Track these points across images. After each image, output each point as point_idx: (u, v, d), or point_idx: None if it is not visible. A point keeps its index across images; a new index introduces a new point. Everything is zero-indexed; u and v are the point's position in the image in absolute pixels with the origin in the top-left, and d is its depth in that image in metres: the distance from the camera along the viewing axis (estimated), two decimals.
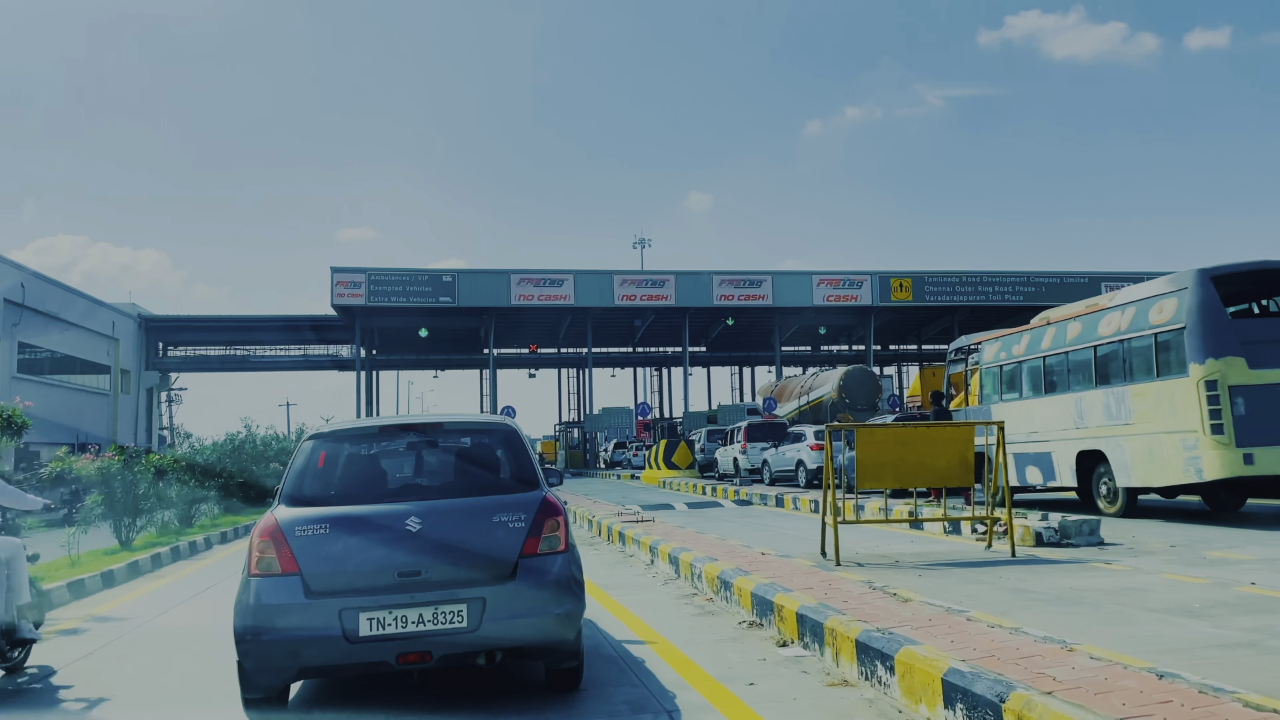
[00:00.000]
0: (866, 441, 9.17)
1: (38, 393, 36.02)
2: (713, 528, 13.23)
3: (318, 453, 4.98)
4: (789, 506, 17.28)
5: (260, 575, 4.44)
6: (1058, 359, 13.74)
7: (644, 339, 55.91)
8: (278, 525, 4.55)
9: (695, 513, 17.16)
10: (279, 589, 4.38)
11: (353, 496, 4.80)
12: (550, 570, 4.62)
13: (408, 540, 4.50)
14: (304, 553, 4.45)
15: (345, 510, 4.66)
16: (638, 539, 10.75)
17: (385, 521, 4.57)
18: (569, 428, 54.35)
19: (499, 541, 4.60)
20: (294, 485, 4.83)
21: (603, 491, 26.22)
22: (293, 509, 4.67)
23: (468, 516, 4.68)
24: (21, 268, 34.57)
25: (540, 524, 4.68)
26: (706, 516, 16.22)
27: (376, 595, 4.37)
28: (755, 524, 14.38)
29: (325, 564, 4.44)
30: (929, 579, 7.63)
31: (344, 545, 4.49)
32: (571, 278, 46.31)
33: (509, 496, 4.83)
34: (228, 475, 19.63)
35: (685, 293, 47.18)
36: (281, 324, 51.59)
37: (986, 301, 49.55)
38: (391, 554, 4.48)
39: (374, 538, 4.52)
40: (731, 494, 20.72)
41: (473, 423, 5.53)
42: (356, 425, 5.20)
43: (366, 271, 44.33)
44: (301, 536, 4.49)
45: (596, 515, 14.61)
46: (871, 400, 45.88)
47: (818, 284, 48.18)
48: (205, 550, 14.60)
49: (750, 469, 26.11)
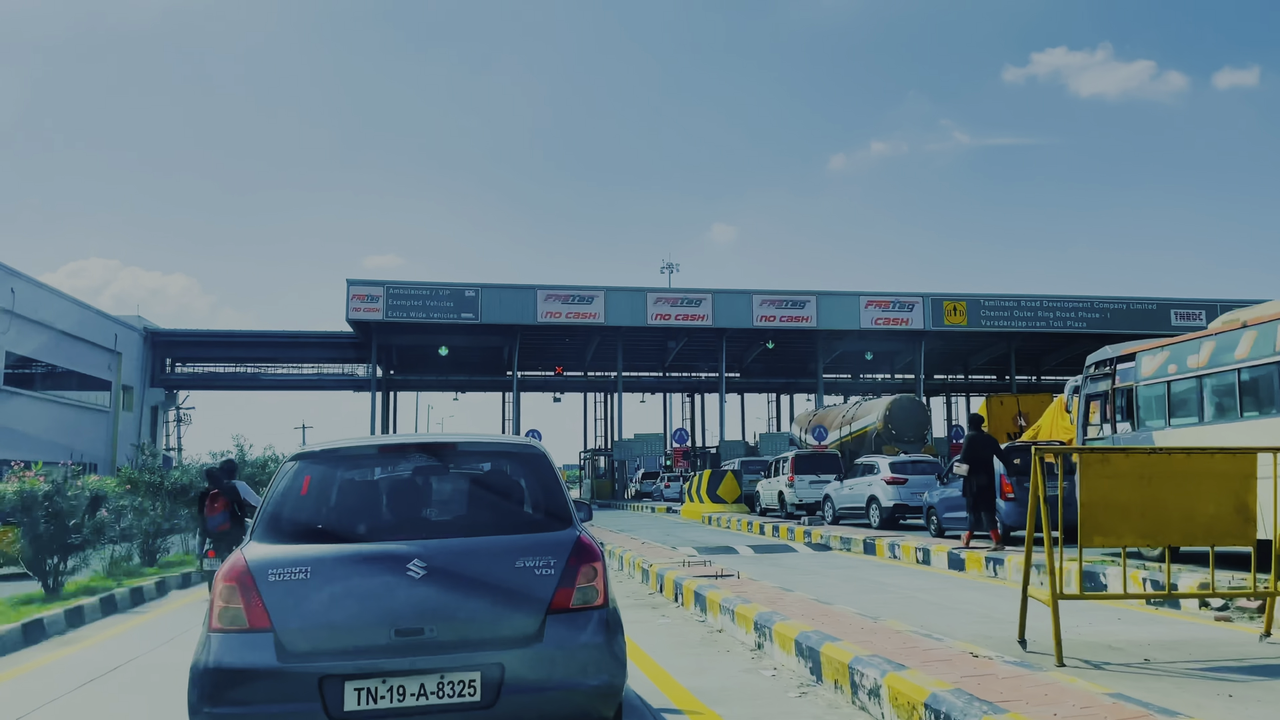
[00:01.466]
0: (1098, 474, 6.02)
1: (29, 408, 33.39)
2: (805, 583, 10.05)
3: (301, 477, 4.14)
4: (883, 554, 14.01)
5: (223, 631, 3.60)
6: (1267, 370, 10.46)
7: (674, 363, 52.82)
8: (247, 567, 3.71)
9: (768, 559, 13.95)
10: (246, 649, 3.54)
11: (342, 532, 3.98)
12: (585, 629, 3.76)
13: (409, 589, 3.67)
14: (279, 603, 3.62)
15: (332, 550, 3.84)
16: (729, 607, 7.57)
17: (382, 565, 3.74)
18: (596, 455, 51.19)
19: (523, 592, 3.76)
20: (270, 517, 3.99)
21: (640, 527, 23.04)
22: (267, 547, 3.84)
23: (485, 560, 3.85)
24: (13, 271, 32.00)
25: (574, 571, 3.83)
26: (784, 565, 13.01)
27: (368, 659, 3.55)
28: (858, 579, 11.17)
29: (305, 618, 3.61)
30: (1248, 703, 4.50)
31: (329, 594, 3.65)
32: (602, 295, 43.38)
33: (535, 536, 4.01)
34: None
35: (723, 313, 44.09)
36: (296, 340, 48.95)
37: (1047, 328, 46.13)
38: (389, 606, 3.65)
39: (367, 585, 3.69)
40: (800, 534, 17.45)
41: (492, 444, 4.78)
42: (351, 444, 4.34)
43: (384, 284, 41.61)
44: (276, 582, 3.65)
45: (650, 561, 11.44)
46: (920, 432, 42.64)
47: (866, 306, 44.96)
48: (158, 598, 11.55)
49: (797, 504, 23.35)
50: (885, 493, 18.86)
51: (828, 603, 7.81)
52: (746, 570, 11.30)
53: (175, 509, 15.11)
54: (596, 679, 3.73)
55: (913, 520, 18.83)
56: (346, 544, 3.88)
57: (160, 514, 14.60)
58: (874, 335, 46.41)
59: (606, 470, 48.41)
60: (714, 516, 24.40)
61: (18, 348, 32.73)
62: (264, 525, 3.95)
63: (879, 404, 40.99)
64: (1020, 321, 45.95)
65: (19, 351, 32.89)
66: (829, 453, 28.51)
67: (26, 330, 33.00)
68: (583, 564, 3.87)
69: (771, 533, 19.02)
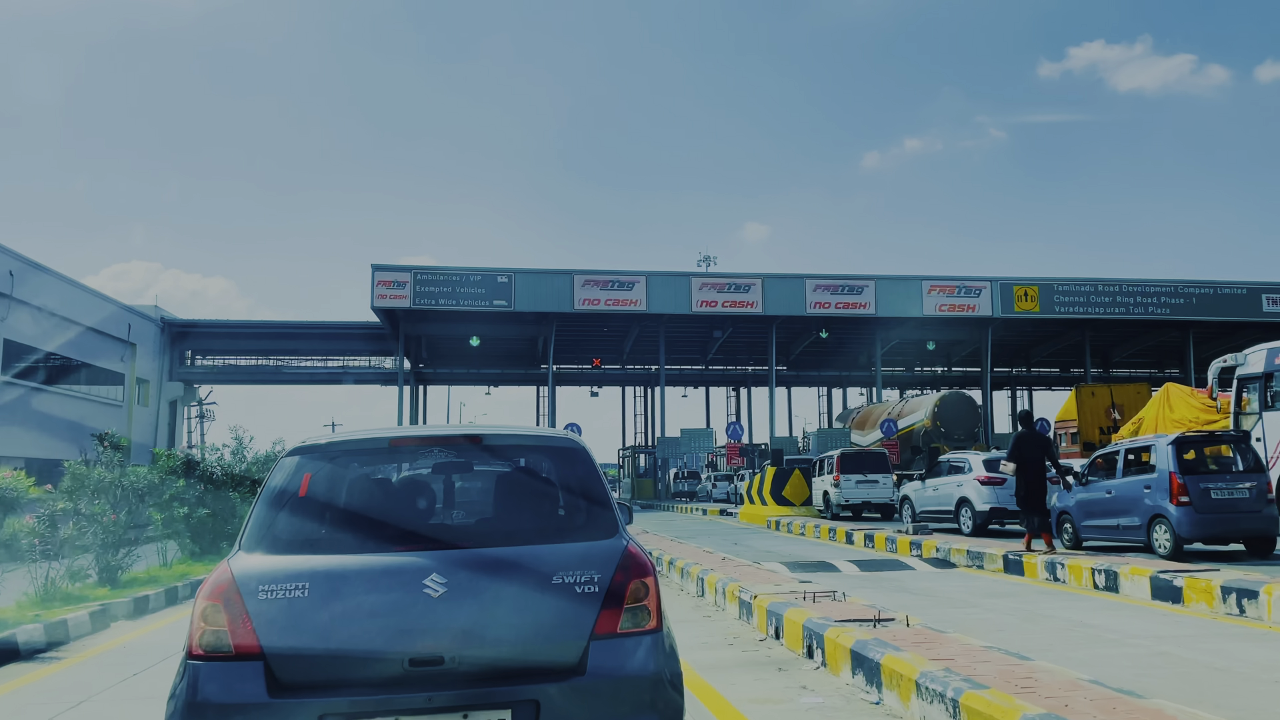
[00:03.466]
0: None
1: (32, 401, 31.03)
2: (968, 622, 7.02)
3: (300, 475, 3.46)
4: (1036, 574, 10.86)
5: (204, 658, 3.03)
6: None
7: (715, 356, 49.69)
8: (234, 582, 3.11)
9: (887, 580, 10.87)
10: (230, 679, 2.98)
11: (347, 541, 3.36)
12: (635, 657, 3.14)
13: (427, 609, 3.06)
14: (270, 625, 3.03)
15: (335, 562, 3.19)
16: (942, 691, 4.50)
17: (394, 580, 3.11)
18: (636, 453, 48.16)
19: (561, 613, 3.16)
20: (263, 523, 3.33)
21: (698, 533, 20.02)
22: (258, 558, 3.21)
23: (516, 574, 3.20)
24: (12, 253, 29.60)
25: (621, 588, 3.21)
26: (918, 591, 9.92)
27: (376, 694, 2.96)
28: (1045, 618, 8.05)
29: (302, 643, 3.03)
30: None
31: (330, 615, 3.04)
32: (643, 280, 40.41)
33: (576, 546, 3.34)
34: (190, 503, 13.95)
35: (774, 299, 40.91)
36: (321, 331, 46.47)
37: (1126, 314, 42.43)
38: (402, 630, 3.04)
39: (376, 605, 3.06)
40: (905, 546, 14.30)
41: (524, 437, 3.95)
42: (358, 437, 3.69)
43: (411, 270, 38.92)
44: (268, 600, 3.06)
45: (750, 588, 8.39)
46: (970, 430, 39.53)
47: (929, 291, 41.57)
48: (90, 633, 8.67)
49: (843, 504, 22.39)
50: (979, 494, 16.63)
51: (1078, 678, 4.73)
52: (866, 596, 8.29)
53: (141, 510, 12.35)
54: (649, 717, 3.10)
55: (1012, 526, 16.71)
56: (352, 555, 3.24)
57: (124, 518, 11.80)
58: (936, 323, 43.04)
59: (648, 469, 45.33)
60: (780, 521, 21.29)
61: (18, 335, 30.32)
62: (255, 532, 3.32)
63: (927, 400, 37.86)
64: (1097, 308, 42.32)
65: (19, 340, 30.47)
66: (876, 451, 26.19)
67: (27, 316, 30.62)
68: (631, 579, 3.24)
69: (864, 542, 15.86)
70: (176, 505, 13.55)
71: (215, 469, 14.79)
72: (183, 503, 13.87)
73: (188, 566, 13.16)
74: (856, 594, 8.94)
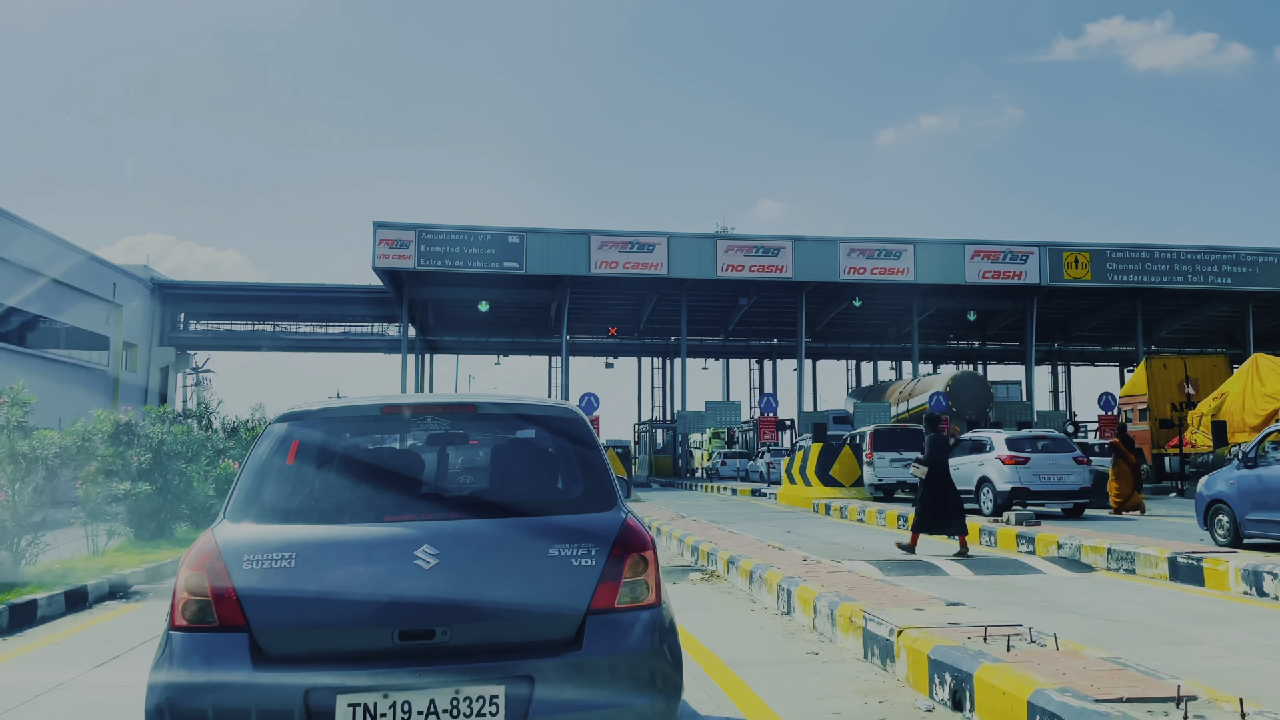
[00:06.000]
0: None
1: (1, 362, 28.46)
2: (1243, 677, 4.25)
3: (288, 442, 3.36)
4: (1227, 586, 8.12)
5: (187, 629, 2.92)
6: None
7: (737, 327, 46.86)
8: (218, 550, 3.00)
9: (1015, 589, 8.17)
10: (214, 651, 2.86)
11: (336, 511, 3.21)
12: (633, 633, 3.05)
13: (417, 582, 2.95)
14: (256, 596, 2.91)
15: (323, 532, 3.09)
16: None
17: (384, 551, 3.01)
18: (653, 427, 45.50)
19: (557, 587, 3.05)
20: (249, 491, 3.24)
21: (738, 516, 17.39)
22: (244, 527, 3.11)
23: (511, 546, 3.11)
24: None
25: (619, 561, 3.12)
26: (1085, 612, 7.21)
27: (364, 668, 2.84)
28: None
29: (288, 615, 2.92)
30: None
31: (318, 587, 2.93)
32: (665, 242, 37.58)
33: (573, 518, 3.24)
34: (133, 477, 11.39)
35: (805, 264, 38.04)
36: (321, 295, 43.82)
37: (1185, 283, 39.43)
38: (392, 603, 2.92)
39: (366, 577, 2.96)
40: (1009, 539, 11.56)
41: (522, 406, 3.78)
42: (348, 405, 3.58)
43: (416, 228, 36.17)
44: (253, 570, 2.94)
45: (868, 608, 5.73)
46: (981, 408, 37.07)
47: (971, 256, 38.62)
48: None
49: (876, 483, 21.32)
50: (1001, 474, 16.15)
51: None
52: (1006, 614, 5.72)
53: (59, 485, 9.76)
54: (647, 695, 3.00)
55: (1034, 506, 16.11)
56: (341, 525, 3.13)
57: (29, 496, 9.18)
58: (978, 291, 40.14)
59: (666, 444, 42.67)
60: (829, 504, 18.59)
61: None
62: (240, 500, 3.21)
63: (938, 379, 35.77)
64: (1153, 276, 39.29)
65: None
66: (912, 428, 23.84)
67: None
68: (630, 553, 3.15)
69: None
70: (108, 479, 10.92)
71: (164, 436, 12.14)
72: (119, 476, 11.26)
73: (125, 555, 10.54)
74: (994, 611, 6.27)
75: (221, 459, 13.31)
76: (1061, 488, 16.13)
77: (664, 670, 3.06)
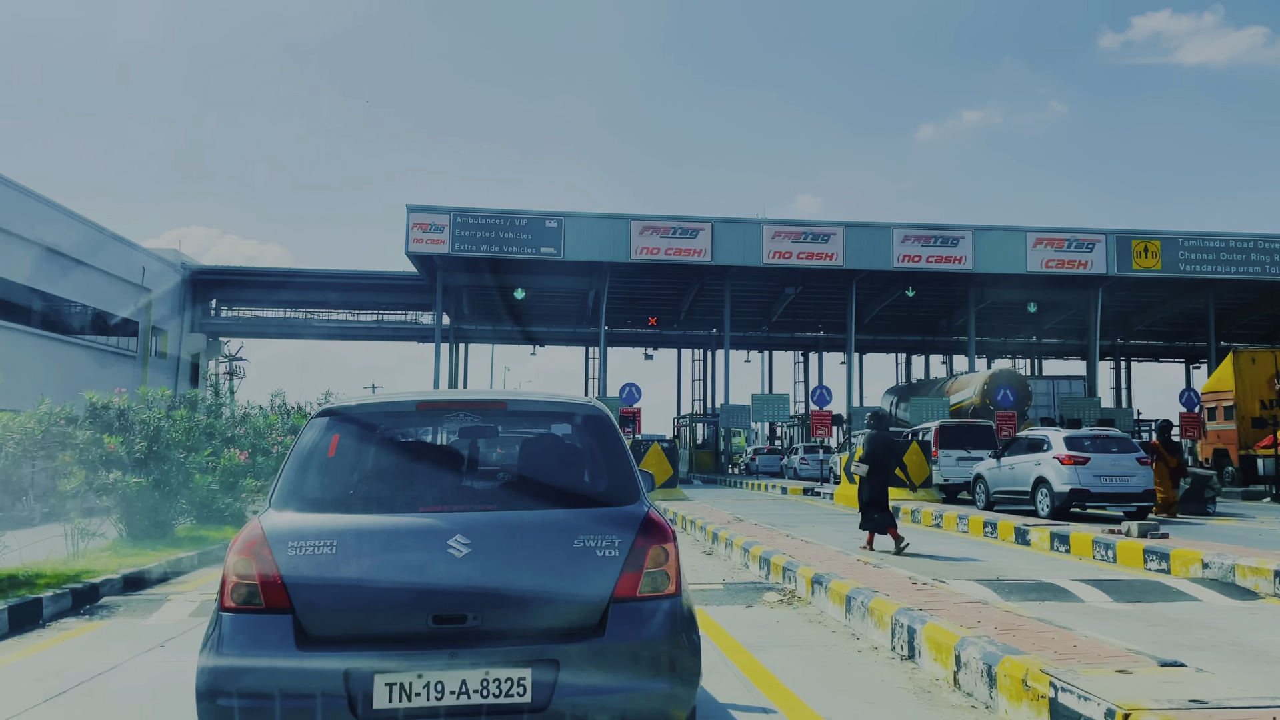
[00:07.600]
0: None
1: (23, 345, 27.54)
2: None
3: (329, 436, 3.55)
4: None
5: (235, 610, 3.10)
6: None
7: (780, 319, 45.01)
8: (264, 538, 3.17)
9: (1178, 621, 6.53)
10: (260, 632, 3.04)
11: (375, 502, 3.45)
12: (654, 621, 3.18)
13: (451, 569, 3.13)
14: (299, 581, 3.09)
15: (362, 521, 3.28)
16: None
17: (419, 540, 3.19)
18: (694, 421, 43.88)
19: (582, 576, 3.20)
20: (293, 482, 3.43)
21: (797, 520, 15.79)
22: (289, 515, 3.29)
23: (538, 537, 3.26)
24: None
25: (641, 552, 3.26)
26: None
27: (402, 650, 3.03)
28: None
29: (329, 599, 3.10)
30: None
31: (357, 572, 3.11)
32: (709, 228, 35.93)
33: (598, 511, 3.40)
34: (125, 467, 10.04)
35: (856, 251, 36.17)
36: (355, 282, 42.74)
37: (1263, 274, 36.97)
38: (426, 589, 3.11)
39: (402, 564, 3.14)
40: (1133, 553, 9.83)
41: (550, 403, 3.95)
42: (386, 401, 3.74)
43: (450, 211, 34.85)
44: (297, 556, 3.12)
45: (1058, 674, 4.14)
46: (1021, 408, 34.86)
47: (1034, 245, 36.53)
48: None
49: (942, 483, 20.50)
50: (1059, 474, 15.44)
51: None
52: (1190, 658, 4.05)
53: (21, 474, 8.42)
54: (666, 680, 3.15)
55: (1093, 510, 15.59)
56: (379, 515, 3.33)
57: None
58: (1039, 281, 37.92)
59: (708, 439, 41.04)
60: (898, 507, 16.86)
61: (4, 271, 26.78)
62: (285, 490, 3.41)
63: (977, 377, 33.85)
64: (1229, 266, 36.90)
65: (6, 275, 26.92)
66: (982, 424, 22.73)
67: (17, 250, 27.05)
68: (652, 544, 3.29)
69: (1053, 545, 11.39)
70: (91, 470, 9.55)
71: (160, 422, 10.76)
72: (107, 466, 9.89)
73: (107, 558, 9.16)
74: (1180, 656, 4.60)
75: (228, 448, 11.93)
76: (1124, 490, 15.20)
77: (683, 657, 3.18)
